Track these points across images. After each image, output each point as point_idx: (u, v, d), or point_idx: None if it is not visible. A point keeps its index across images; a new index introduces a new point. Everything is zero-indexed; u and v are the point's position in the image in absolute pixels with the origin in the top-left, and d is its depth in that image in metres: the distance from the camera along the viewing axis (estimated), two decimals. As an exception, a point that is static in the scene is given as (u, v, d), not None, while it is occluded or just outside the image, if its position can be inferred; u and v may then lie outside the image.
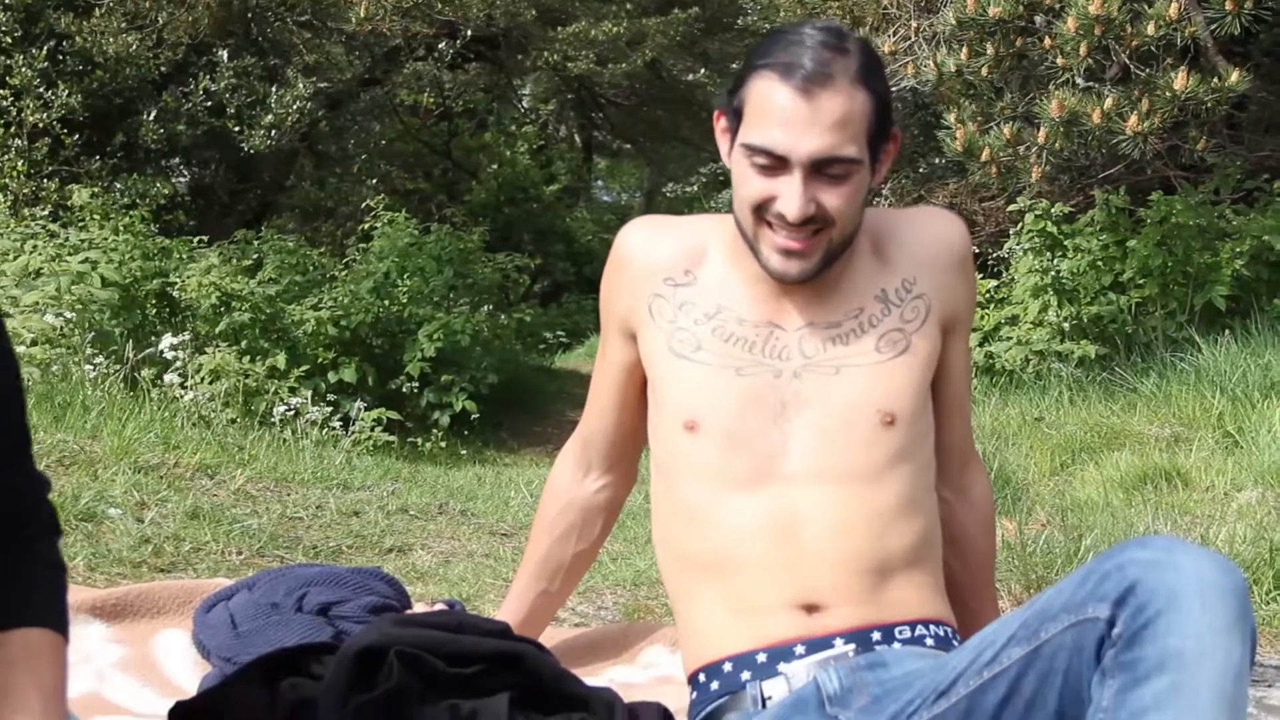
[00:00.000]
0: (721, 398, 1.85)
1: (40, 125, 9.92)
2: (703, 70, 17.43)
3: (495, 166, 18.29)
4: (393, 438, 7.60)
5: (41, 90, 9.96)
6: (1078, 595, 1.48)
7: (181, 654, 2.32)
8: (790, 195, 1.75)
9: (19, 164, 9.74)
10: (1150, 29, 6.35)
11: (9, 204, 9.32)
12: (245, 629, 2.23)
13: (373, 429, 7.25)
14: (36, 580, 1.59)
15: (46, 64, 10.07)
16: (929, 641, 1.80)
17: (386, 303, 9.70)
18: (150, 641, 2.34)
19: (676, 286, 1.93)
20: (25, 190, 9.66)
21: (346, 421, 7.14)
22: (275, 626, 2.20)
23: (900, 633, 1.79)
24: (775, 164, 1.76)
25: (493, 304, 11.49)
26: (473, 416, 9.30)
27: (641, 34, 14.34)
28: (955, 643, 1.83)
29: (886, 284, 1.89)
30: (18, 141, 9.92)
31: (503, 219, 16.98)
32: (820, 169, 1.75)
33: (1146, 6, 6.45)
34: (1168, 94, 6.35)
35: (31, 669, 1.52)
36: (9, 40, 10.05)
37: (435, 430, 8.92)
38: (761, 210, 1.79)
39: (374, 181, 15.29)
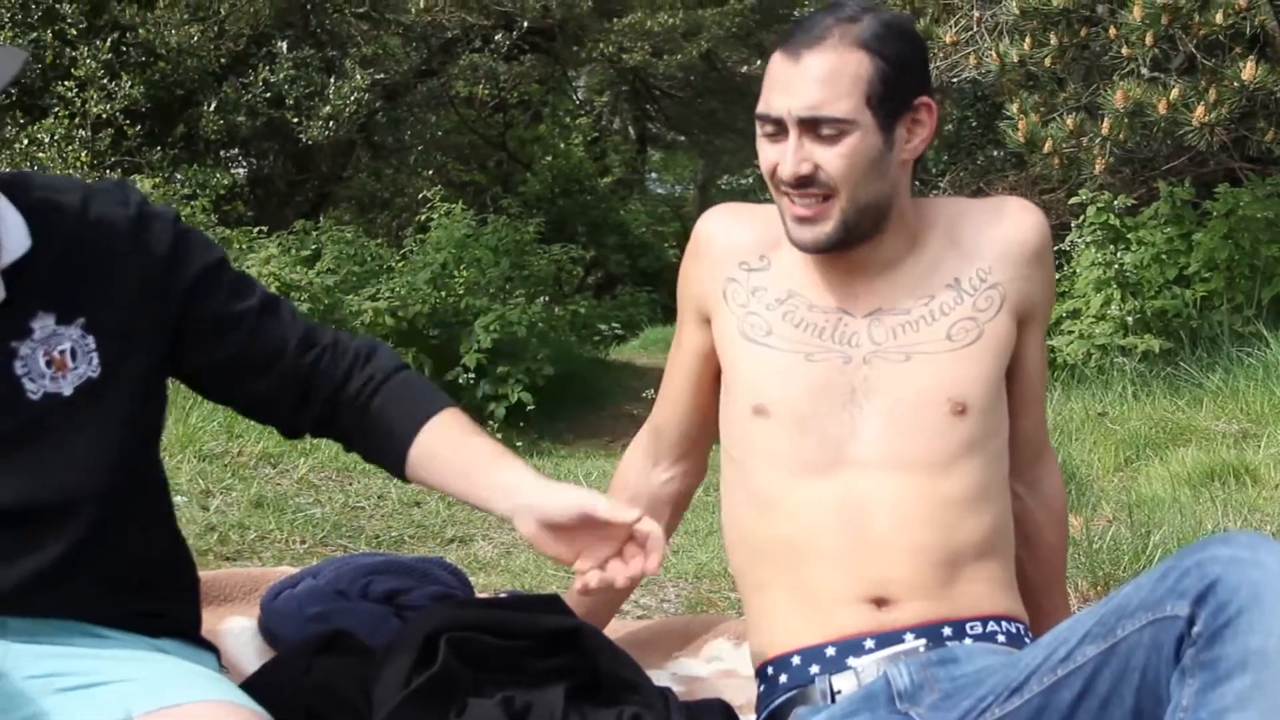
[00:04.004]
0: (791, 383, 1.84)
1: (103, 116, 10.03)
2: (758, 62, 17.31)
3: (550, 158, 18.27)
4: (449, 429, 7.61)
5: (105, 81, 10.05)
6: (1156, 592, 1.46)
7: (248, 641, 2.33)
8: (785, 156, 1.79)
9: (83, 154, 9.85)
10: (1218, 18, 6.25)
11: (73, 194, 9.42)
12: (312, 613, 2.24)
13: (430, 419, 7.26)
14: (412, 387, 1.82)
15: (110, 55, 10.16)
16: (1001, 638, 1.78)
17: (443, 294, 9.73)
18: (218, 630, 2.34)
19: (751, 271, 1.93)
20: (89, 180, 9.77)
21: (404, 412, 7.16)
22: (341, 614, 2.21)
23: (971, 628, 1.78)
24: (775, 130, 1.81)
25: (548, 296, 11.50)
26: (528, 408, 9.31)
27: (697, 25, 14.29)
28: (1027, 640, 1.80)
29: (960, 272, 1.87)
30: (82, 132, 10.03)
31: (557, 211, 16.96)
32: (813, 129, 1.78)
33: (1215, -5, 6.35)
34: (1235, 84, 6.24)
35: (479, 433, 1.78)
36: (74, 32, 10.16)
37: (491, 422, 8.94)
38: (775, 180, 1.83)
39: (430, 173, 15.34)
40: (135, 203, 1.72)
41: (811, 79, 1.77)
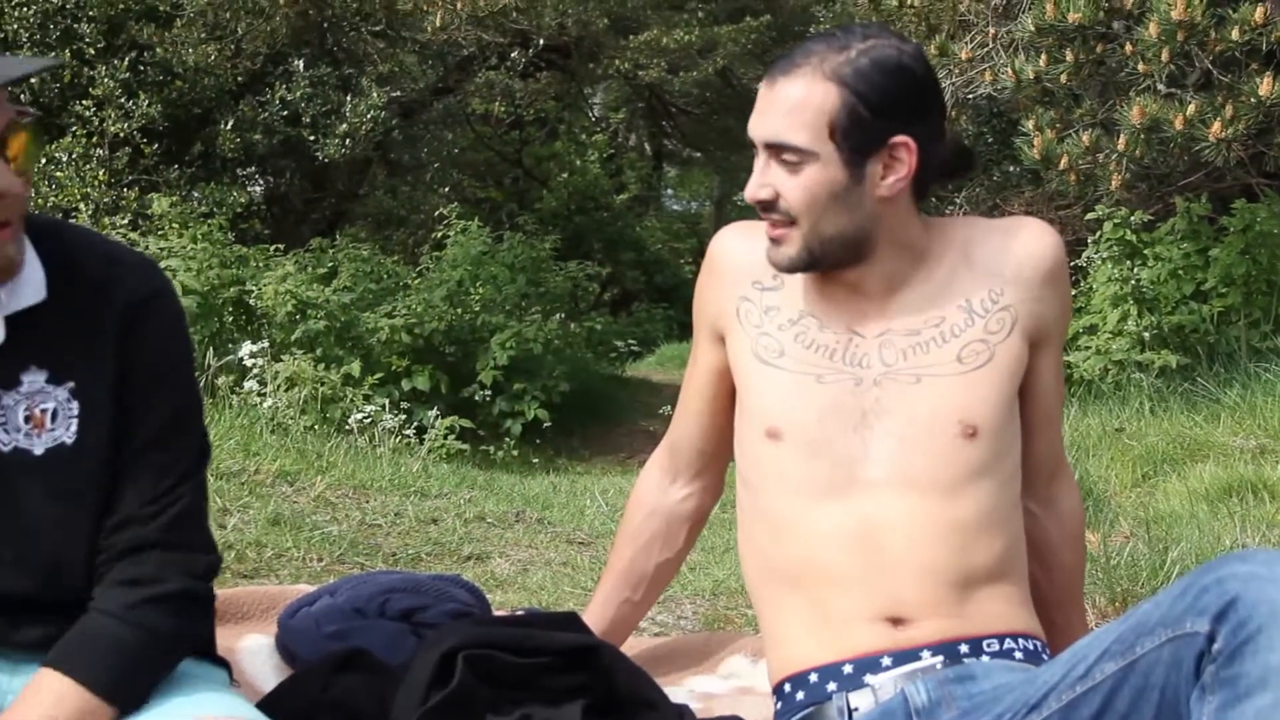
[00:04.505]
0: (802, 406, 1.84)
1: (121, 135, 10.08)
2: (774, 78, 17.29)
3: (566, 175, 18.34)
4: (465, 446, 7.64)
5: (123, 100, 10.11)
6: (1175, 609, 1.46)
7: (266, 659, 2.34)
8: (752, 177, 1.82)
9: (100, 173, 9.90)
10: (1235, 34, 6.23)
11: (91, 212, 9.49)
12: (329, 631, 2.24)
13: (446, 437, 7.28)
14: (88, 628, 1.59)
15: (128, 74, 10.22)
16: (1018, 655, 1.78)
17: (459, 311, 9.76)
18: (235, 648, 2.35)
19: (764, 290, 1.93)
20: (106, 199, 9.82)
21: (421, 430, 7.18)
22: (359, 632, 2.21)
23: (988, 646, 1.77)
24: (755, 152, 1.83)
25: (564, 312, 11.52)
26: (544, 425, 9.32)
27: (713, 42, 14.33)
28: (1045, 657, 1.80)
29: (972, 294, 1.87)
30: (99, 151, 10.08)
31: (573, 227, 17.02)
32: (778, 155, 1.79)
33: (1231, 11, 6.33)
34: (1252, 100, 6.22)
35: (18, 706, 1.53)
36: (92, 51, 10.22)
37: (508, 439, 8.95)
38: None
39: (446, 190, 15.39)
40: (154, 286, 1.66)
41: (779, 106, 1.78)
